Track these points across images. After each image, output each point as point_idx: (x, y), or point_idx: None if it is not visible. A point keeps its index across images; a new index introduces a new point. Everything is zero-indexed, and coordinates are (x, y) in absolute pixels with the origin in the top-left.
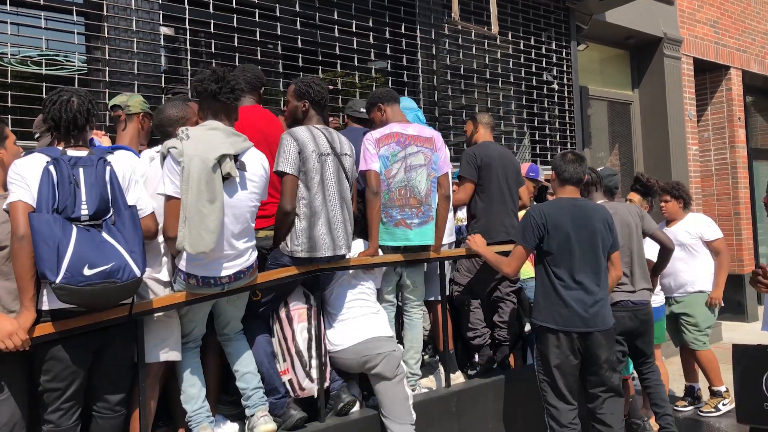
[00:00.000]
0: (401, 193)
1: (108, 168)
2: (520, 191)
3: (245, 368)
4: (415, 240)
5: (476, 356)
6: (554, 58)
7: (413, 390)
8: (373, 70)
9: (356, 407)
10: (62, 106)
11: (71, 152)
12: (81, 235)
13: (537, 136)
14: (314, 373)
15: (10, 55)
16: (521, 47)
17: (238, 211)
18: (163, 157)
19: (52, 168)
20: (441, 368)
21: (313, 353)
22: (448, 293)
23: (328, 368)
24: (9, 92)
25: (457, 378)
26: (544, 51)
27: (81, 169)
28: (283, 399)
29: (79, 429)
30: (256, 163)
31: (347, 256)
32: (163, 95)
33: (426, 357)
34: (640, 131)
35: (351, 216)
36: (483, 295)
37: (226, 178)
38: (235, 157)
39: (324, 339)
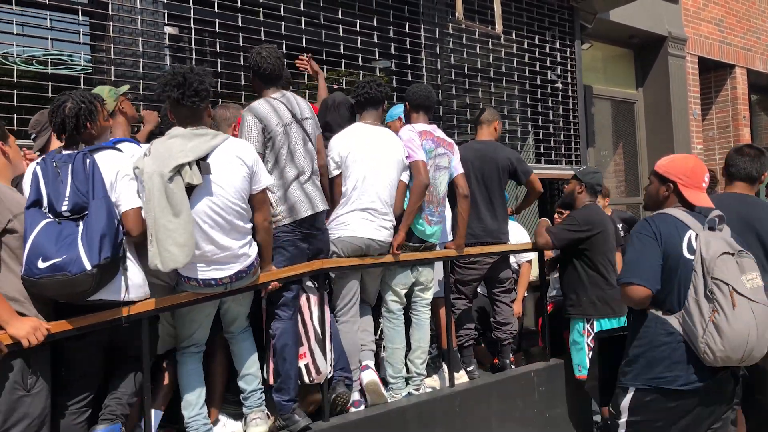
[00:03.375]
0: (429, 190)
1: (88, 161)
2: (531, 179)
3: (247, 369)
4: (431, 238)
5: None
6: (558, 57)
7: (417, 390)
8: (377, 69)
9: (361, 408)
10: (56, 110)
11: (65, 151)
12: (47, 228)
13: (541, 135)
14: (329, 356)
15: (16, 54)
16: (525, 46)
17: (215, 214)
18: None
19: (38, 168)
20: (445, 367)
21: (327, 337)
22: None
23: (329, 354)
24: (15, 91)
25: (461, 377)
26: (548, 50)
27: (69, 167)
28: (289, 403)
29: None
30: (229, 157)
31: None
32: None
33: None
34: (644, 130)
35: (317, 174)
36: (469, 295)
37: (192, 186)
38: (200, 160)
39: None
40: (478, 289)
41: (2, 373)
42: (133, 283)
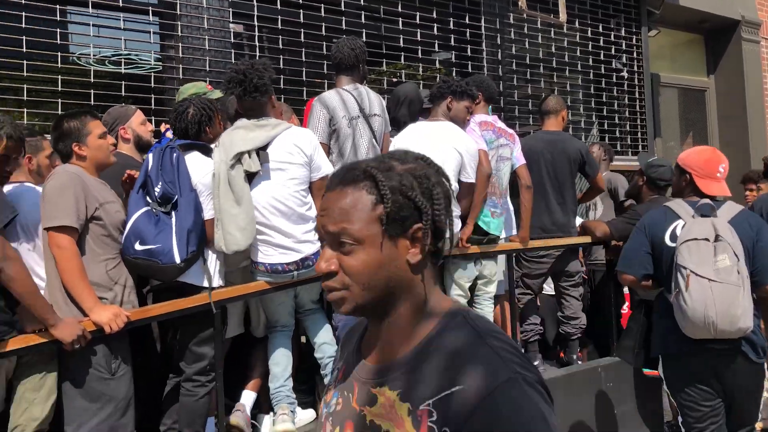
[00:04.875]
0: (492, 182)
1: (174, 155)
2: (597, 179)
3: (322, 339)
4: (494, 230)
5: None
6: (624, 44)
7: None
8: (437, 62)
9: None
10: (179, 117)
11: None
12: (146, 215)
13: (606, 125)
14: None
15: (91, 55)
16: (589, 34)
17: (275, 201)
18: None
19: (151, 155)
20: None
21: None
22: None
23: None
24: (92, 91)
25: None
26: (613, 38)
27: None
28: None
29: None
30: (288, 146)
31: None
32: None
33: None
34: (716, 119)
35: None
36: (535, 289)
37: (253, 173)
38: (260, 150)
39: None
40: None
41: (87, 359)
42: (215, 271)
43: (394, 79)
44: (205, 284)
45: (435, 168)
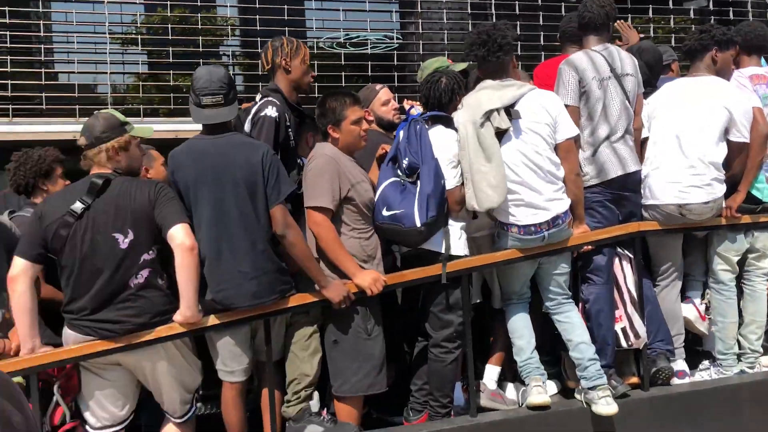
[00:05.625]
0: None
1: (418, 126)
2: None
3: (579, 338)
4: None
5: None
6: None
7: (751, 368)
8: (691, 11)
9: (680, 381)
10: (432, 86)
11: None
12: (393, 184)
13: None
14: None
15: (341, 39)
16: None
17: (525, 158)
18: None
19: (402, 132)
20: None
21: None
22: None
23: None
24: (342, 73)
25: None
26: None
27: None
28: (606, 368)
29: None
30: (534, 106)
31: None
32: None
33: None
34: None
35: (632, 134)
36: None
37: (502, 131)
38: (508, 108)
39: None
40: None
41: (348, 320)
42: (453, 240)
43: (642, 35)
44: (444, 251)
45: None
